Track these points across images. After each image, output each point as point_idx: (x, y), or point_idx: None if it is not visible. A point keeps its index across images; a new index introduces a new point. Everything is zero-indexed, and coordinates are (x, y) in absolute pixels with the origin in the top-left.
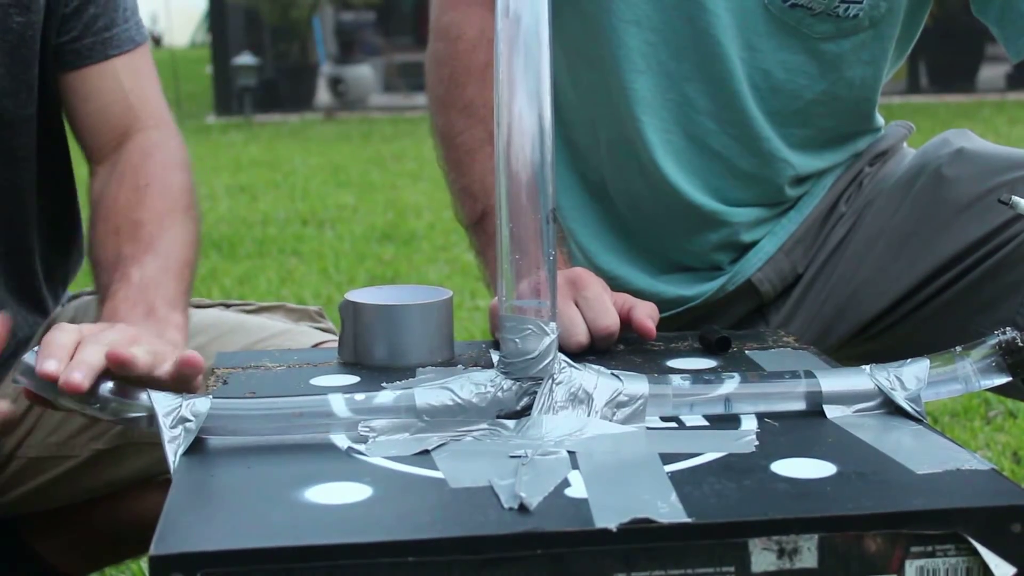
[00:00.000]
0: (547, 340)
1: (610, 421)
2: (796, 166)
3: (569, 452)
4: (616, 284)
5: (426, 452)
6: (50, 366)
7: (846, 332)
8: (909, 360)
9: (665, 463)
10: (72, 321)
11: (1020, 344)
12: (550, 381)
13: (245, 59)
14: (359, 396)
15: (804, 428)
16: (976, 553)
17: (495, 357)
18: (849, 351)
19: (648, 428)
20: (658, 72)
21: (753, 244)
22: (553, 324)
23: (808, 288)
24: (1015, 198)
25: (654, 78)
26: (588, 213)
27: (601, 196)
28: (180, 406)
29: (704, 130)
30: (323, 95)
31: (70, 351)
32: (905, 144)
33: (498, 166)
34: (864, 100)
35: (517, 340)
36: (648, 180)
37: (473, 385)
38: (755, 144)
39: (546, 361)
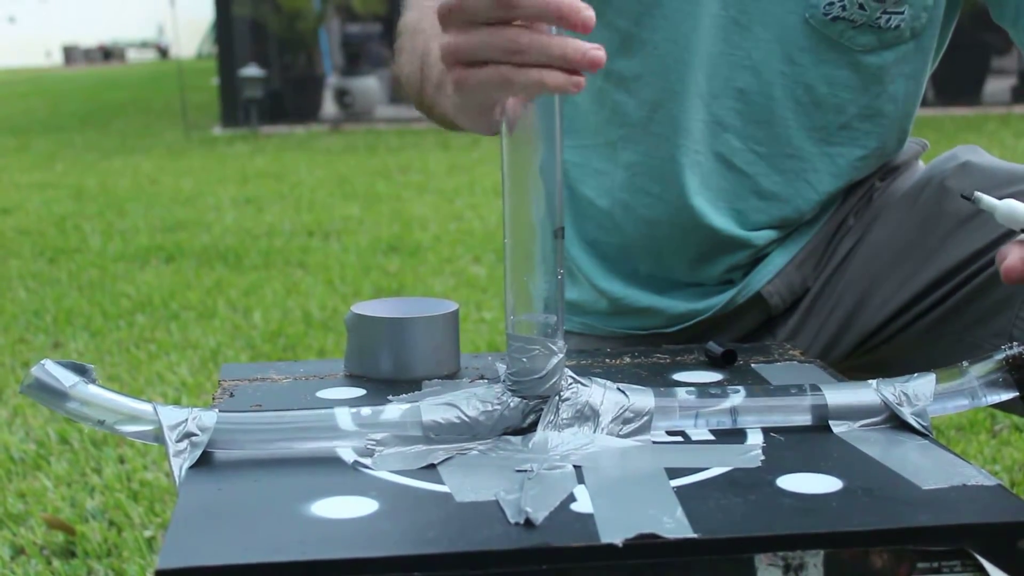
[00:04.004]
0: (555, 360)
1: (616, 437)
2: (819, 189)
3: (575, 466)
4: (621, 303)
5: (432, 466)
6: None
7: (851, 343)
8: (915, 375)
9: (671, 478)
10: None
11: None
12: (556, 399)
13: (251, 71)
14: (365, 411)
15: (810, 443)
16: (983, 569)
17: (501, 369)
18: (853, 362)
19: (654, 442)
20: (692, 93)
21: (764, 257)
22: (561, 343)
23: (815, 300)
24: (978, 193)
25: (688, 99)
26: (590, 239)
27: (607, 222)
28: (186, 420)
29: (730, 148)
30: (329, 107)
31: None
32: (919, 160)
33: (504, 181)
34: (906, 117)
35: (524, 359)
36: (670, 204)
37: (479, 403)
38: (783, 161)
39: (553, 380)
